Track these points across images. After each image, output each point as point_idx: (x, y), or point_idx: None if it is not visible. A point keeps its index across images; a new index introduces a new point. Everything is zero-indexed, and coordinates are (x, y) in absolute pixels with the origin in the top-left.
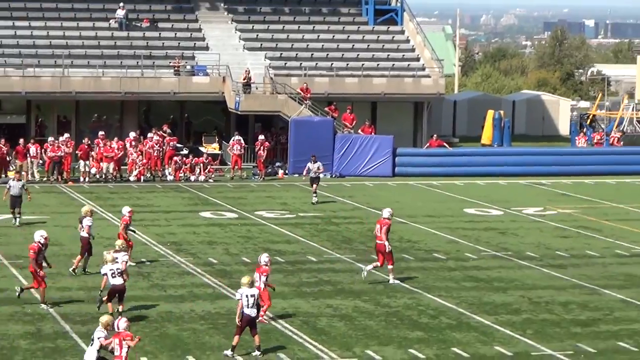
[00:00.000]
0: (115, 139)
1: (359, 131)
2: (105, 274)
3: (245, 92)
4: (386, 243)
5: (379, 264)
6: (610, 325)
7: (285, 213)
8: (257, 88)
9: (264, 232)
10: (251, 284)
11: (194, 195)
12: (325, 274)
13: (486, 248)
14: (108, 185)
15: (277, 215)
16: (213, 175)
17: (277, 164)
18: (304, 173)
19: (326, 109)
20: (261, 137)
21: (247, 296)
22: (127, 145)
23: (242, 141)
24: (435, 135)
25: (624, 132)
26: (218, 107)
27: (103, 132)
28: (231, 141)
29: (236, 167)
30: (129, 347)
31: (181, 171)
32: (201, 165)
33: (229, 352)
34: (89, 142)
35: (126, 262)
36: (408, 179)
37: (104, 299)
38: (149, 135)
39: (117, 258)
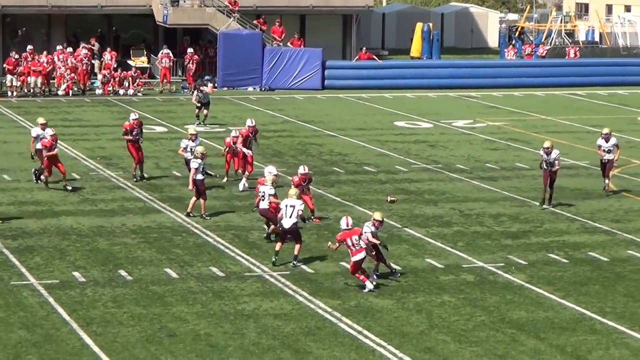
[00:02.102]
0: (45, 52)
1: (288, 44)
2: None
3: (173, 5)
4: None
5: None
6: (540, 237)
7: (215, 126)
8: (185, 1)
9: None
10: (298, 196)
11: (123, 110)
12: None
13: (416, 161)
14: (36, 99)
15: (207, 128)
16: (142, 89)
17: (207, 77)
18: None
19: (255, 22)
20: (190, 50)
21: (286, 206)
22: (56, 59)
23: (171, 54)
24: (364, 48)
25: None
26: (146, 20)
27: (31, 47)
28: (160, 54)
29: (165, 80)
30: None
31: (110, 85)
32: (130, 79)
33: (273, 258)
34: (17, 56)
35: None
36: (337, 92)
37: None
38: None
39: None
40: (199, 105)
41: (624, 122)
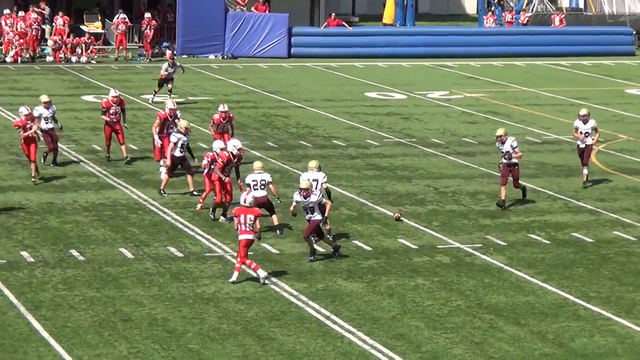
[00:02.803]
0: None
1: (252, 9)
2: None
3: None
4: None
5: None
6: (520, 217)
7: (174, 97)
8: None
9: (152, 117)
10: (319, 168)
11: (76, 78)
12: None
13: (389, 134)
14: None
15: (165, 98)
16: (96, 56)
17: (165, 44)
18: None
19: None
20: (147, 15)
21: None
22: (3, 23)
23: (127, 19)
24: (333, 14)
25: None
26: None
27: None
28: (115, 20)
29: (121, 47)
30: None
31: (61, 52)
32: (83, 45)
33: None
34: None
35: None
36: (305, 61)
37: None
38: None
39: None
40: (165, 79)
41: (610, 94)
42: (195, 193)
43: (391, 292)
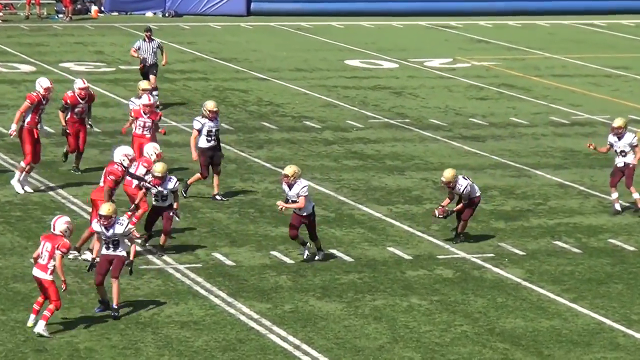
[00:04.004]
0: None
1: None
2: None
3: None
4: None
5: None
6: (543, 219)
7: (102, 65)
8: None
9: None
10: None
11: None
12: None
13: (376, 114)
14: None
15: (90, 68)
16: (1, 14)
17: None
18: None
19: None
20: None
21: None
22: None
23: None
24: None
25: None
26: None
27: None
28: None
29: (33, 2)
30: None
31: None
32: None
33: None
34: None
35: None
36: (268, 19)
37: None
38: None
39: None
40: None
41: None
42: (217, 197)
43: (378, 315)
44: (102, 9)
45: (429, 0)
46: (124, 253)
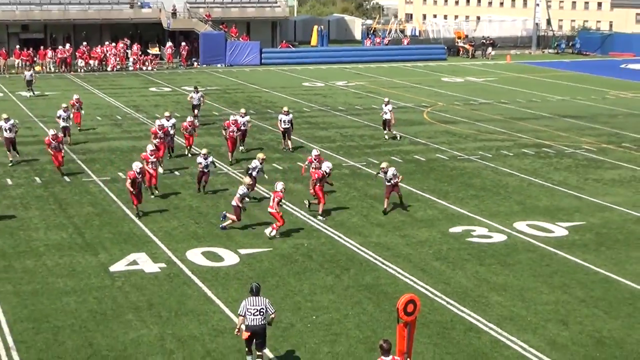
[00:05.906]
0: (101, 46)
1: (240, 39)
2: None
3: (173, 17)
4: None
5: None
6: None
7: (201, 88)
8: (179, 15)
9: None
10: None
11: (145, 79)
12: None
13: (315, 105)
14: (94, 73)
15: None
16: (156, 66)
17: (193, 59)
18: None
19: (220, 26)
20: (183, 43)
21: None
22: (107, 51)
23: (172, 46)
24: (284, 40)
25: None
26: (157, 26)
27: (86, 44)
28: (166, 46)
29: (167, 61)
30: None
31: (138, 64)
32: (149, 60)
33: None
34: (84, 49)
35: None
36: (269, 67)
37: None
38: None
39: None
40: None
41: (431, 80)
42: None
43: None
44: (199, 64)
45: (337, 57)
46: None
